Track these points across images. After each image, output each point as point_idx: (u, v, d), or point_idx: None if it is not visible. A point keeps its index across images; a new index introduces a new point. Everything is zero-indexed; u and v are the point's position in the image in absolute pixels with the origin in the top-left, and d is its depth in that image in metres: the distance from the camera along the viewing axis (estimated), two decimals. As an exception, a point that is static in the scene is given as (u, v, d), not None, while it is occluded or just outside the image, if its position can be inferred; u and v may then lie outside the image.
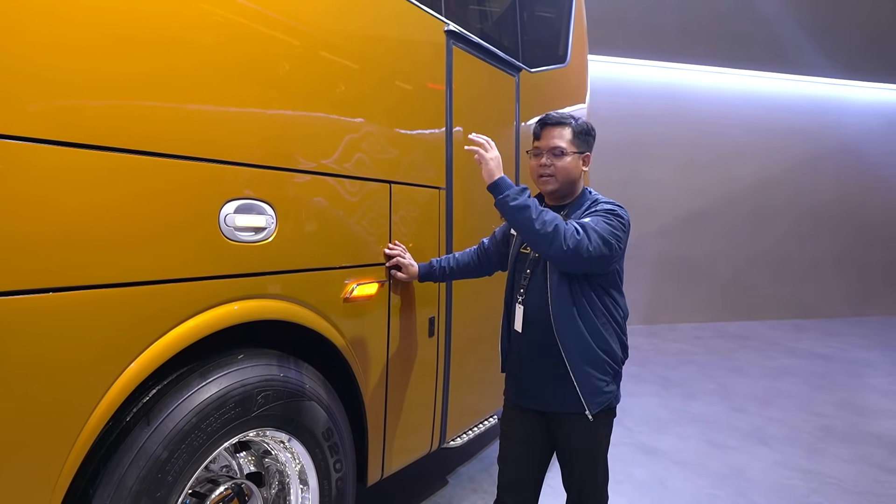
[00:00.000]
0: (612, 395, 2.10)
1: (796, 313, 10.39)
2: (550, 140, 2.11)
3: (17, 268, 1.30)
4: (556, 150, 2.09)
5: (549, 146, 2.10)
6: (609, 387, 2.08)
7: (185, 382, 1.67)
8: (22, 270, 1.31)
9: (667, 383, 6.01)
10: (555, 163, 2.09)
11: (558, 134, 2.11)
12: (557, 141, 2.10)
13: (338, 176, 2.19)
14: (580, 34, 4.62)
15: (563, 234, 1.87)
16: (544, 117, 2.16)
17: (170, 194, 1.61)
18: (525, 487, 2.24)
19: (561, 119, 2.13)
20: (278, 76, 1.94)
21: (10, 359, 1.30)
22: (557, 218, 1.91)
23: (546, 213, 1.92)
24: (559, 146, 2.09)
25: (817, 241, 10.60)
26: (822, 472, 3.86)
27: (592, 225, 1.94)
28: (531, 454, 2.22)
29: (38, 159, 1.33)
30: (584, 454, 2.12)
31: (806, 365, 6.95)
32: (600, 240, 1.91)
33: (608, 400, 2.08)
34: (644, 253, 9.44)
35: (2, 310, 1.27)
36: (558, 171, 2.10)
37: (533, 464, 2.23)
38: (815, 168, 10.51)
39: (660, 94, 9.62)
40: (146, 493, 1.52)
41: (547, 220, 1.89)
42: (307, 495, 2.12)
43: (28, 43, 1.32)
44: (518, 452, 2.23)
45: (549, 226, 1.88)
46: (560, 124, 2.12)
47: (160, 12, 1.59)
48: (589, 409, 2.02)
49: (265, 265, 1.89)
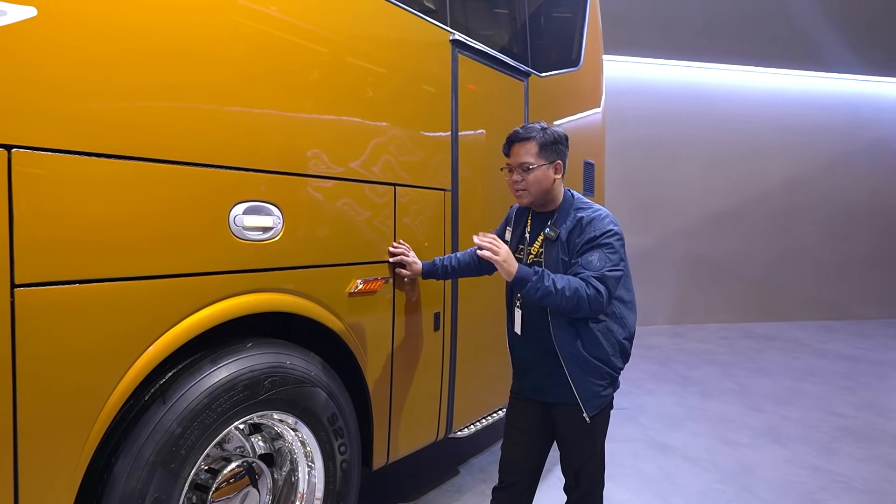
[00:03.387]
0: (609, 397, 2.25)
1: (827, 314, 10.23)
2: (518, 157, 2.23)
3: (56, 262, 1.51)
4: (524, 166, 2.21)
5: (517, 162, 2.22)
6: (606, 391, 2.22)
7: (198, 367, 1.86)
8: (59, 265, 1.51)
9: (686, 382, 6.04)
10: (525, 177, 2.21)
11: (524, 150, 2.22)
12: (524, 157, 2.21)
13: (343, 179, 2.35)
14: (594, 36, 4.69)
15: (586, 300, 2.02)
16: (511, 134, 2.27)
17: (183, 196, 1.79)
18: (524, 470, 2.37)
19: (526, 135, 2.23)
20: (286, 85, 2.12)
21: (47, 339, 1.49)
22: (576, 287, 2.02)
23: (566, 287, 2.02)
24: (526, 161, 2.20)
25: (849, 240, 10.41)
26: (832, 471, 3.88)
27: (601, 269, 2.06)
28: (531, 441, 2.35)
29: (78, 169, 1.53)
30: (581, 440, 2.26)
31: (831, 366, 6.89)
32: (613, 282, 2.09)
33: (604, 402, 2.23)
34: (670, 252, 9.43)
35: (43, 298, 1.47)
36: (530, 184, 2.21)
37: (533, 450, 2.36)
38: (847, 166, 10.32)
39: (684, 93, 9.59)
40: (161, 464, 1.71)
41: (568, 294, 2.01)
42: (314, 475, 2.29)
43: (76, 68, 1.51)
44: (519, 439, 2.37)
45: (574, 297, 2.02)
46: (526, 140, 2.22)
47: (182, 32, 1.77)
48: (586, 411, 2.16)
49: (273, 262, 2.07)
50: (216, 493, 1.95)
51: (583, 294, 2.02)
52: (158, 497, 1.71)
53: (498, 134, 3.34)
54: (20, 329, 1.44)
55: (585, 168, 4.37)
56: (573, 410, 2.19)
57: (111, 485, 1.66)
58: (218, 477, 1.97)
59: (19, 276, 1.43)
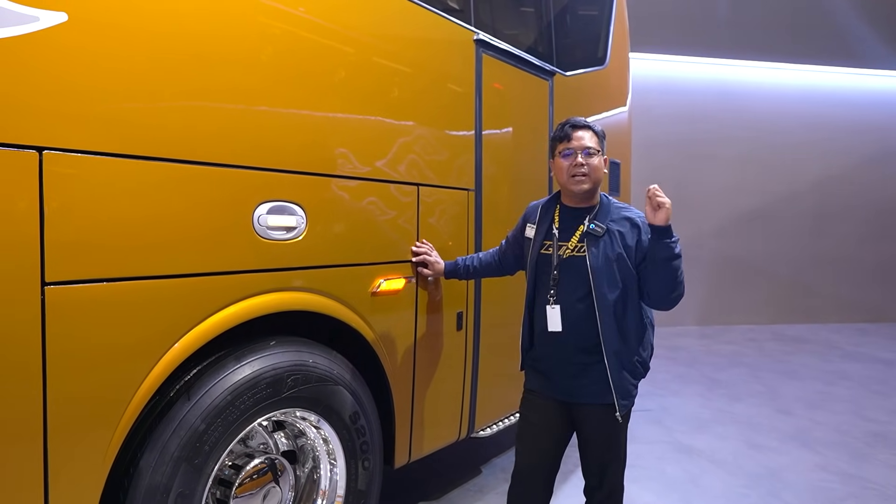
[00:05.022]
0: (635, 397, 2.27)
1: (861, 317, 9.98)
2: (581, 141, 2.21)
3: (85, 261, 1.55)
4: (589, 150, 2.20)
5: (581, 146, 2.21)
6: (635, 391, 2.25)
7: (222, 364, 1.89)
8: (87, 263, 1.55)
9: (713, 384, 5.96)
10: (588, 161, 2.20)
11: (587, 136, 2.23)
12: (588, 142, 2.22)
13: (366, 179, 2.37)
14: (621, 34, 4.64)
15: (681, 271, 2.10)
16: (573, 119, 2.28)
17: (208, 196, 1.82)
18: (542, 467, 2.35)
19: (585, 123, 2.26)
20: (312, 85, 2.14)
21: (76, 336, 1.53)
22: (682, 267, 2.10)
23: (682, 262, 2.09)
24: (590, 146, 2.21)
25: (885, 241, 10.14)
26: (863, 478, 3.79)
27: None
28: (550, 439, 2.33)
29: (107, 169, 1.57)
30: (610, 441, 2.26)
31: (864, 370, 6.73)
32: None
33: (633, 402, 2.26)
34: (700, 253, 9.28)
35: (73, 296, 1.52)
36: (592, 170, 2.20)
37: (549, 447, 2.34)
38: (884, 165, 10.05)
39: (713, 90, 9.44)
40: (186, 459, 1.74)
41: (682, 268, 2.09)
42: (336, 472, 2.31)
43: (109, 78, 1.55)
44: (538, 436, 2.34)
45: (682, 275, 2.10)
46: (585, 127, 2.25)
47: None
48: (619, 410, 2.17)
49: (296, 261, 2.09)
50: (239, 489, 1.98)
51: (681, 268, 2.10)
52: (182, 491, 1.74)
53: (522, 133, 3.35)
54: (50, 326, 1.48)
55: (611, 167, 4.33)
56: (604, 410, 2.19)
57: (137, 479, 1.69)
58: (241, 473, 1.99)
59: (50, 275, 1.47)
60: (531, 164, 3.47)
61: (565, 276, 2.22)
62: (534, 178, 3.49)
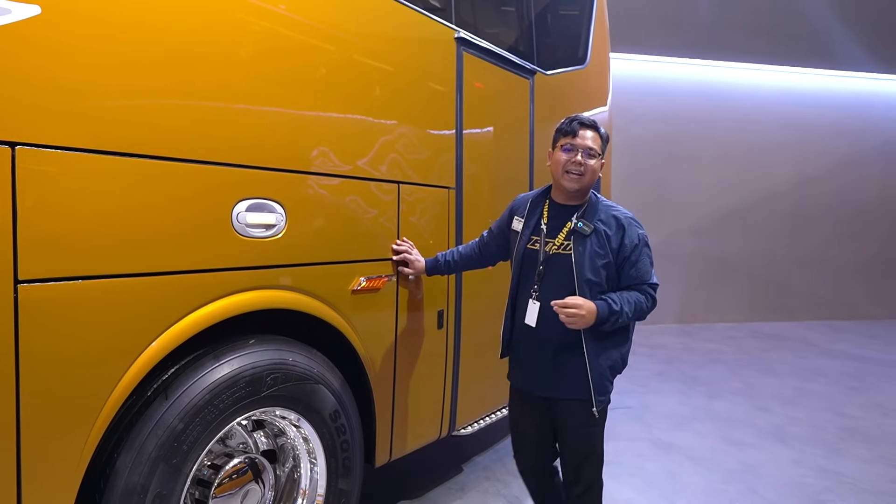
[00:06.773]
0: (611, 393, 2.31)
1: (836, 314, 10.15)
2: (586, 140, 2.23)
3: (59, 258, 1.52)
4: (591, 152, 2.22)
5: (584, 146, 2.22)
6: (610, 388, 2.30)
7: (201, 363, 1.87)
8: (62, 261, 1.52)
9: (692, 381, 6.02)
10: (586, 163, 2.22)
11: (592, 136, 2.24)
12: (592, 143, 2.23)
13: (346, 177, 2.36)
14: (601, 34, 4.67)
15: (645, 311, 2.25)
16: (582, 117, 2.29)
17: (187, 193, 1.80)
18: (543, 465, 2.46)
19: (593, 123, 2.27)
20: (292, 83, 2.13)
21: (50, 335, 1.51)
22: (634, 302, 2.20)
23: (630, 305, 2.19)
24: (594, 148, 2.23)
25: (860, 240, 10.32)
26: (838, 472, 3.86)
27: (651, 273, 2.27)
28: (542, 437, 2.40)
29: (81, 165, 1.54)
30: (586, 435, 2.29)
31: (840, 366, 6.84)
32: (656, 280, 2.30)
33: (608, 398, 2.30)
34: (678, 251, 9.37)
35: (47, 294, 1.49)
36: (588, 171, 2.22)
37: (546, 444, 2.41)
38: (858, 166, 10.22)
39: (693, 91, 9.52)
40: (163, 459, 1.72)
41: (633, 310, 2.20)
42: (316, 472, 2.30)
43: (85, 72, 1.52)
44: (532, 438, 2.43)
45: (638, 312, 2.22)
46: (593, 127, 2.26)
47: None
48: (595, 405, 2.21)
49: (275, 259, 2.08)
50: (218, 489, 1.96)
51: (643, 307, 2.23)
52: (160, 492, 1.72)
53: (503, 132, 3.36)
54: (23, 325, 1.45)
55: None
56: (580, 405, 2.23)
57: (114, 479, 1.67)
58: (220, 473, 1.98)
59: (23, 273, 1.44)
60: (512, 162, 3.48)
61: (550, 272, 2.24)
62: (514, 176, 3.50)
